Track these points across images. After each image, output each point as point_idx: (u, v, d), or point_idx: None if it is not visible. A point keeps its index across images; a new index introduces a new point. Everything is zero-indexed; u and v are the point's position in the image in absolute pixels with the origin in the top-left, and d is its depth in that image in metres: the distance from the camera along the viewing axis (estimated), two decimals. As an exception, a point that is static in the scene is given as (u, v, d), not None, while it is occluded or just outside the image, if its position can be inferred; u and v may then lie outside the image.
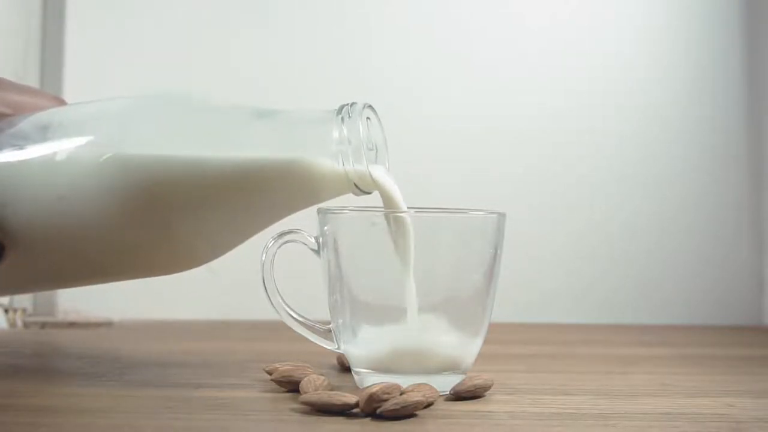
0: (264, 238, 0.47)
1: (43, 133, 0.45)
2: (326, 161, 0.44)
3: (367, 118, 0.45)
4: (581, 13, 0.87)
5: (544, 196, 0.86)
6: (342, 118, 0.44)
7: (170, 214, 0.44)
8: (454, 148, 0.85)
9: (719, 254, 0.86)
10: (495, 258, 0.46)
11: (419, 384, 0.43)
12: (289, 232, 0.47)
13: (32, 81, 0.82)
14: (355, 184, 0.44)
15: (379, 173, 0.45)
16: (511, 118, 0.86)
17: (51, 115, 0.47)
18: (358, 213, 0.45)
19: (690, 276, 0.86)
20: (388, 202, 0.45)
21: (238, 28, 0.86)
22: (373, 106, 0.46)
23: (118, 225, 0.44)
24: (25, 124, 0.47)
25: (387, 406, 0.39)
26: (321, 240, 0.46)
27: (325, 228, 0.46)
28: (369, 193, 0.45)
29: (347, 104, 0.45)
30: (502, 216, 0.46)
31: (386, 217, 0.44)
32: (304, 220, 0.48)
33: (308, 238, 0.47)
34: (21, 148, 0.45)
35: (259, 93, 0.77)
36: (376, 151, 0.46)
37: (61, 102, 0.51)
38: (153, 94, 0.46)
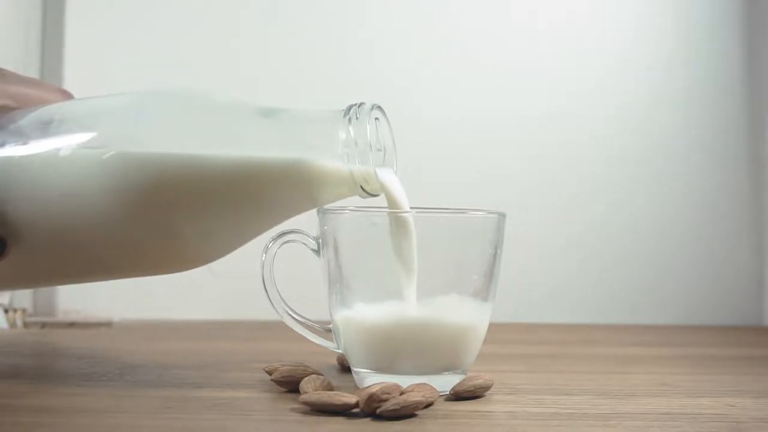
0: (264, 238, 0.47)
1: (46, 129, 0.45)
2: (332, 162, 0.44)
3: (376, 118, 0.45)
4: (582, 14, 0.87)
5: (544, 196, 0.86)
6: (349, 119, 0.44)
7: (173, 212, 0.44)
8: (454, 148, 0.85)
9: (719, 254, 0.86)
10: (495, 258, 0.46)
11: (419, 384, 0.43)
12: (289, 232, 0.47)
13: (32, 76, 0.82)
14: (362, 187, 0.44)
15: (386, 176, 0.44)
16: (512, 118, 0.86)
17: (53, 110, 0.47)
18: (358, 213, 0.45)
19: (690, 276, 0.86)
20: (393, 205, 0.44)
21: (238, 26, 0.86)
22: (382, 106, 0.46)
23: (121, 222, 0.44)
24: (28, 119, 0.46)
25: (387, 406, 0.39)
26: (321, 240, 0.46)
27: (325, 228, 0.46)
28: (376, 195, 0.45)
29: (355, 104, 0.44)
30: (502, 216, 0.46)
31: (389, 219, 0.44)
32: (304, 220, 0.48)
33: (308, 238, 0.47)
34: (23, 143, 0.45)
35: (259, 91, 0.77)
36: (385, 153, 0.46)
37: (66, 94, 0.50)
38: (156, 90, 0.46)
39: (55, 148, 0.44)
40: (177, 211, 0.44)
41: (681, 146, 0.87)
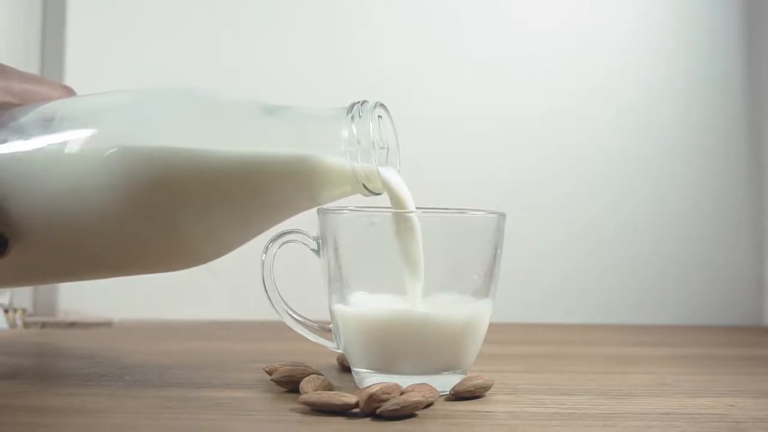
0: (264, 238, 0.47)
1: (47, 126, 0.45)
2: (335, 160, 0.44)
3: (379, 116, 0.45)
4: (581, 14, 0.87)
5: (544, 196, 0.86)
6: (352, 117, 0.44)
7: (175, 210, 0.43)
8: (454, 148, 0.85)
9: (719, 254, 0.86)
10: (495, 258, 0.46)
11: (419, 384, 0.43)
12: (289, 232, 0.47)
13: (33, 72, 0.82)
14: (364, 185, 0.44)
15: (389, 174, 0.44)
16: (512, 118, 0.86)
17: (55, 107, 0.47)
18: (358, 213, 0.45)
19: (690, 276, 0.86)
20: (397, 204, 0.44)
21: (238, 26, 0.86)
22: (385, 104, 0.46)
23: (123, 219, 0.43)
24: (30, 116, 0.46)
25: (387, 406, 0.39)
26: (321, 240, 0.46)
27: (325, 228, 0.46)
28: (378, 194, 0.45)
29: (358, 102, 0.44)
30: (502, 216, 0.46)
31: (394, 219, 0.44)
32: (304, 220, 0.48)
33: (308, 238, 0.47)
34: (25, 140, 0.45)
35: (259, 90, 0.77)
36: (388, 151, 0.46)
37: (68, 90, 0.50)
38: (159, 87, 0.46)
39: (57, 145, 0.44)
40: (179, 209, 0.44)
41: (681, 146, 0.87)
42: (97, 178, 0.43)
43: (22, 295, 0.80)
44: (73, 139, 0.44)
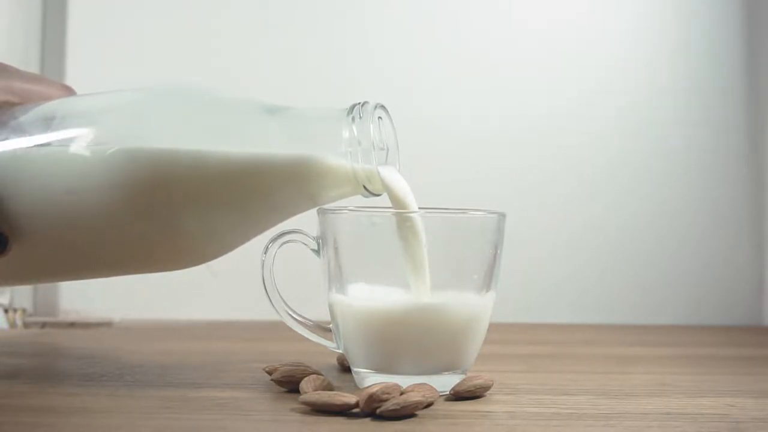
0: (264, 238, 0.47)
1: (48, 125, 0.45)
2: (335, 161, 0.44)
3: (379, 117, 0.45)
4: (581, 14, 0.87)
5: (544, 196, 0.86)
6: (353, 118, 0.44)
7: (177, 209, 0.43)
8: (454, 148, 0.85)
9: (719, 254, 0.86)
10: (495, 258, 0.46)
11: (419, 384, 0.43)
12: (289, 232, 0.47)
13: (34, 71, 0.82)
14: (365, 186, 0.44)
15: (389, 175, 0.44)
16: (512, 118, 0.86)
17: (56, 106, 0.47)
18: (358, 213, 0.45)
19: (690, 276, 0.86)
20: (398, 204, 0.44)
21: (239, 25, 0.86)
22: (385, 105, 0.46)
23: (124, 219, 0.43)
24: (30, 115, 0.46)
25: (387, 406, 0.39)
26: (321, 240, 0.46)
27: (325, 228, 0.46)
28: (378, 195, 0.45)
29: (358, 103, 0.45)
30: (502, 216, 0.46)
31: (396, 220, 0.44)
32: (304, 220, 0.48)
33: (308, 238, 0.47)
34: (25, 139, 0.45)
35: (260, 90, 0.77)
36: (387, 151, 0.46)
37: (69, 90, 0.50)
38: (161, 87, 0.46)
39: (58, 145, 0.44)
40: (180, 208, 0.44)
41: (681, 146, 0.87)
42: (97, 177, 0.43)
43: (22, 295, 0.80)
44: (73, 138, 0.44)
